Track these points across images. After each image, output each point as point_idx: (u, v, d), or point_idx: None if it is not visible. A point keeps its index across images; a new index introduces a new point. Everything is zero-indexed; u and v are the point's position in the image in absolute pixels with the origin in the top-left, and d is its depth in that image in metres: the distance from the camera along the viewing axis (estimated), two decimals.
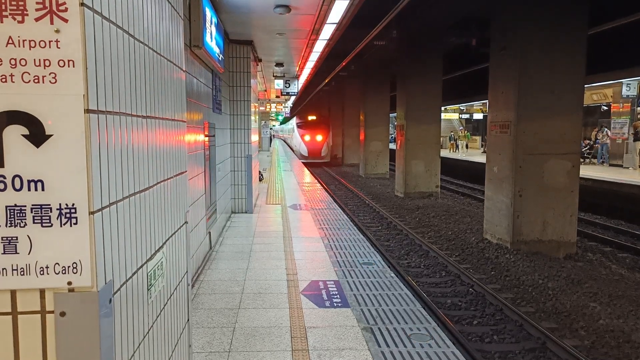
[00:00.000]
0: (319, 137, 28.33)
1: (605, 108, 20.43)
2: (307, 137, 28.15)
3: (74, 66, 1.15)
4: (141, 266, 1.58)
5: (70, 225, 1.18)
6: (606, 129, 17.90)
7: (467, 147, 27.83)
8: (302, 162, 23.10)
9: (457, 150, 27.50)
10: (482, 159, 18.74)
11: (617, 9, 10.46)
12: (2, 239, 1.16)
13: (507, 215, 8.54)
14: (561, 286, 6.61)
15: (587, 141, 18.86)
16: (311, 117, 29.75)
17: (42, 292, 1.20)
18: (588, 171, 14.14)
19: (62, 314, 1.20)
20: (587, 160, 18.06)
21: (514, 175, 8.41)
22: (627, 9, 10.22)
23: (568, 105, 8.33)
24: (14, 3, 1.12)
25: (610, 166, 16.79)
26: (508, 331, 5.24)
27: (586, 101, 15.32)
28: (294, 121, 32.68)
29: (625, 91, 16.67)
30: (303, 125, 29.14)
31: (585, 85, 9.11)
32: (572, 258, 8.17)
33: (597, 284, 6.69)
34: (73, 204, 1.18)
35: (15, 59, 1.13)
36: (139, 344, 1.55)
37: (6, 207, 1.16)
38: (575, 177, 8.53)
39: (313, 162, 26.81)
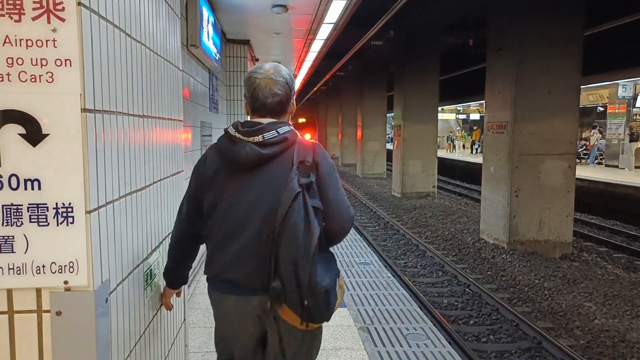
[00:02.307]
0: (307, 136, 33.27)
1: (602, 109, 20.52)
2: None
3: (71, 65, 1.15)
4: (138, 266, 1.58)
5: (67, 225, 1.18)
6: (594, 131, 17.98)
7: (464, 147, 27.86)
8: None
9: (454, 151, 27.51)
10: (478, 159, 18.79)
11: (614, 10, 10.51)
12: None
13: (504, 215, 8.57)
14: (557, 286, 6.64)
15: (584, 142, 18.93)
16: (301, 120, 35.98)
17: (38, 291, 1.20)
18: (584, 172, 14.20)
19: (59, 313, 1.20)
20: (583, 160, 18.13)
21: (511, 175, 8.43)
22: (623, 10, 10.27)
23: (564, 105, 8.35)
24: (10, 2, 1.12)
25: (606, 167, 16.86)
26: (504, 331, 5.25)
27: (582, 102, 15.36)
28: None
29: (621, 92, 16.74)
30: (294, 126, 34.29)
31: (582, 86, 9.14)
32: (568, 258, 8.20)
33: (592, 284, 6.72)
34: (70, 203, 1.18)
35: (12, 58, 1.13)
36: (135, 344, 1.55)
37: (3, 206, 1.15)
38: (571, 177, 8.56)
39: None
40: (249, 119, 1.66)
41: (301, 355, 1.64)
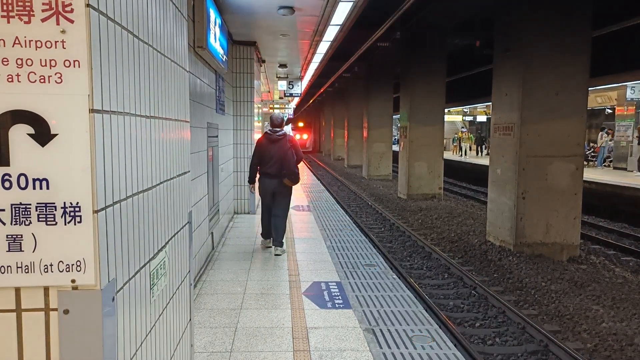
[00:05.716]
0: (305, 136, 49.96)
1: (610, 111, 20.37)
2: (297, 136, 45.53)
3: (79, 66, 1.16)
4: (144, 265, 1.59)
5: (75, 224, 1.19)
6: (602, 133, 17.84)
7: (470, 149, 27.69)
8: None
9: (460, 152, 27.34)
10: (485, 161, 18.70)
11: (622, 12, 10.44)
12: (7, 237, 1.17)
13: (510, 217, 8.53)
14: (564, 289, 6.59)
15: (592, 144, 18.80)
16: (300, 124, 48.76)
17: (46, 289, 1.21)
18: (592, 174, 14.10)
19: (66, 311, 1.21)
20: (591, 162, 18.00)
21: (517, 177, 8.39)
22: (631, 12, 10.20)
23: (572, 107, 8.30)
24: (20, 4, 1.13)
25: (614, 169, 16.74)
26: (510, 334, 5.23)
27: (590, 104, 15.26)
28: (288, 127, 47.48)
29: (629, 94, 16.59)
30: (295, 129, 47.42)
31: (590, 88, 9.07)
32: (575, 261, 8.14)
33: (600, 287, 6.67)
34: (77, 203, 1.19)
35: (21, 59, 1.14)
36: (142, 343, 1.56)
37: (11, 205, 1.17)
38: (579, 179, 8.51)
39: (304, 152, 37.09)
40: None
41: (287, 197, 5.79)
